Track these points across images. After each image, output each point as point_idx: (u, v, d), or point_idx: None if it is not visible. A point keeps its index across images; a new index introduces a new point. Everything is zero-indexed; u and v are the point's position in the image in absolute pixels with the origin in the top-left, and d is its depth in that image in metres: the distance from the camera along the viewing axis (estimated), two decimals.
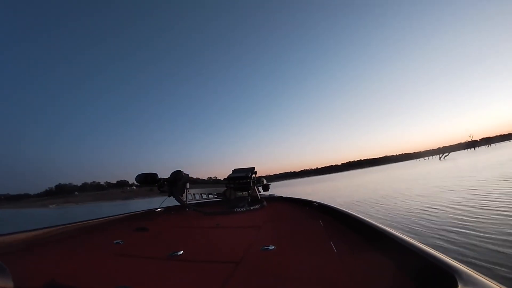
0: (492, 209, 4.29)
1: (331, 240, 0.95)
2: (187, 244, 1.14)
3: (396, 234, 0.75)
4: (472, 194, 5.94)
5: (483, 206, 4.65)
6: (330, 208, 1.47)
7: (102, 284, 0.73)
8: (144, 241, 1.22)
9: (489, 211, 4.21)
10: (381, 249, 0.77)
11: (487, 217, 3.92)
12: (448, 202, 5.54)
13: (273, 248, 0.92)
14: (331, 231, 1.14)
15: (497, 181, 7.33)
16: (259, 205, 2.06)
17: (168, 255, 0.93)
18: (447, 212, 4.62)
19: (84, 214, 19.36)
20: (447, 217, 4.29)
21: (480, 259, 2.50)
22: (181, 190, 2.17)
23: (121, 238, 1.21)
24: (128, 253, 1.03)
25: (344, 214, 1.22)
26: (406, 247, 0.65)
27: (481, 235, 3.14)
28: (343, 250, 0.86)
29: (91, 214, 18.44)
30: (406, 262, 0.64)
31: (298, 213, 1.71)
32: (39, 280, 0.74)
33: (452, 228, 3.60)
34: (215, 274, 0.75)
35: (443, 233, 3.44)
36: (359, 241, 0.94)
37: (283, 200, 2.40)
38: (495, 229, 3.29)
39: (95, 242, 1.25)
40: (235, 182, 2.37)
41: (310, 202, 1.84)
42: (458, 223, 3.78)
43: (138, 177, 1.94)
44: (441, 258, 0.54)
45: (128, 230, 1.47)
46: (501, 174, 8.67)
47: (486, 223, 3.61)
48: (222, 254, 0.95)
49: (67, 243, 1.23)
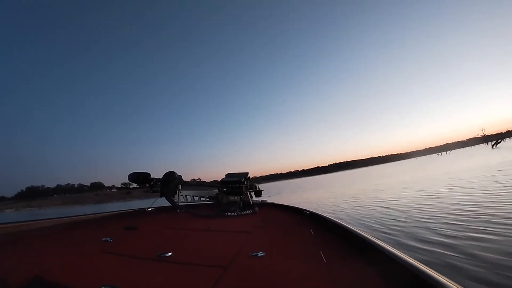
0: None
1: (321, 250, 0.95)
2: (176, 245, 1.12)
3: (385, 247, 0.75)
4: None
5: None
6: (322, 217, 1.46)
7: (88, 281, 0.71)
8: (133, 240, 1.20)
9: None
10: (370, 261, 0.78)
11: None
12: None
13: (262, 254, 0.92)
14: (321, 240, 1.14)
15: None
16: (251, 211, 2.04)
17: (157, 255, 0.92)
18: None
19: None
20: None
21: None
22: (173, 191, 2.15)
23: (110, 235, 1.19)
24: (116, 251, 1.01)
25: (335, 224, 1.22)
26: (394, 260, 0.66)
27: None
28: (332, 260, 0.86)
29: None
30: (394, 274, 0.65)
31: (289, 221, 1.70)
32: (24, 274, 0.72)
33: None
34: (203, 277, 0.74)
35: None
36: (348, 252, 0.94)
37: (275, 207, 2.38)
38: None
39: (83, 238, 1.22)
40: (227, 186, 2.35)
41: (302, 210, 1.84)
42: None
43: (131, 175, 1.92)
44: (427, 272, 0.55)
45: (117, 228, 1.43)
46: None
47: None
48: (211, 257, 0.93)
49: (54, 237, 1.20)
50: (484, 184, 6.59)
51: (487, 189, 5.83)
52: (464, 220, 3.68)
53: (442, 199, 5.59)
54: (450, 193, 6.26)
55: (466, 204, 4.67)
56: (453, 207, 4.62)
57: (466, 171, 10.89)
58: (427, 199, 5.87)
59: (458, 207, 4.59)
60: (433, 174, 12.82)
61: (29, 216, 27.14)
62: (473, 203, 4.70)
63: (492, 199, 4.74)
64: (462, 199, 5.20)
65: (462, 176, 9.43)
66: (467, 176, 9.01)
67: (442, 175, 11.09)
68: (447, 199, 5.50)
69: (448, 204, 4.95)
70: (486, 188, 5.96)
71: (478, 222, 3.46)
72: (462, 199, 5.19)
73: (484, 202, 4.63)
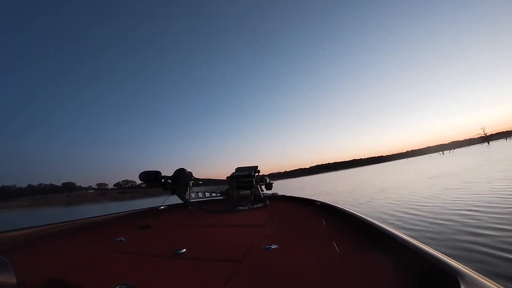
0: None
1: (334, 240, 0.95)
2: (189, 242, 1.13)
3: (399, 235, 0.75)
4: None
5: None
6: (333, 207, 1.47)
7: (104, 281, 0.73)
8: (147, 239, 1.22)
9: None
10: (384, 250, 0.78)
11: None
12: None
13: (275, 247, 0.92)
14: (334, 231, 1.14)
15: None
16: (262, 204, 2.05)
17: (171, 253, 0.93)
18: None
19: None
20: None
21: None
22: (184, 188, 2.19)
23: (124, 235, 1.22)
24: (130, 250, 1.03)
25: (347, 214, 1.23)
26: (409, 248, 0.65)
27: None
28: (345, 250, 0.86)
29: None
30: (409, 263, 0.64)
31: (301, 212, 1.71)
32: (42, 276, 0.75)
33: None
34: (218, 272, 0.75)
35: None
36: (362, 242, 0.94)
37: (286, 199, 2.39)
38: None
39: (98, 239, 1.25)
40: (238, 180, 2.37)
41: (313, 202, 1.84)
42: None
43: (142, 174, 1.96)
44: (444, 260, 0.54)
45: (130, 227, 1.46)
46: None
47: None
48: (224, 252, 0.95)
49: (69, 240, 1.24)
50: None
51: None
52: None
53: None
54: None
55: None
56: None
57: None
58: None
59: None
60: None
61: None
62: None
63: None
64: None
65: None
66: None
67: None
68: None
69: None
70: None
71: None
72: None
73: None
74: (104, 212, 1.85)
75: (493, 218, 3.40)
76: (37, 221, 2.05)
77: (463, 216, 3.74)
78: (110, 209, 2.10)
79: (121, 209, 2.09)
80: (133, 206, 2.15)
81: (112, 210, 2.13)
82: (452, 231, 3.10)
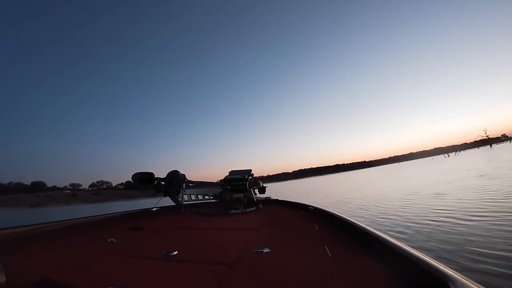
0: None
1: (326, 245, 0.96)
2: (181, 244, 1.13)
3: (391, 241, 0.76)
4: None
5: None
6: (326, 212, 1.48)
7: (96, 283, 0.72)
8: (139, 241, 1.21)
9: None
10: (376, 255, 0.78)
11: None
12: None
13: (267, 251, 0.92)
14: (326, 235, 1.15)
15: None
16: (255, 208, 2.05)
17: (163, 255, 0.93)
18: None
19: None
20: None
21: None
22: (177, 191, 2.17)
23: (115, 236, 1.20)
24: (122, 252, 1.02)
25: (340, 219, 1.23)
26: (401, 253, 0.66)
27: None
28: (337, 254, 0.86)
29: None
30: (401, 268, 0.64)
31: (294, 217, 1.72)
32: (32, 276, 0.74)
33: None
34: (209, 275, 0.75)
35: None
36: (354, 246, 0.94)
37: (279, 203, 2.39)
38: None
39: (89, 240, 1.23)
40: (231, 183, 2.35)
41: (306, 206, 1.85)
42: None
43: (135, 176, 1.95)
44: (435, 265, 0.55)
45: (122, 229, 1.45)
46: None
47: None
48: (216, 255, 0.95)
49: (61, 240, 1.22)
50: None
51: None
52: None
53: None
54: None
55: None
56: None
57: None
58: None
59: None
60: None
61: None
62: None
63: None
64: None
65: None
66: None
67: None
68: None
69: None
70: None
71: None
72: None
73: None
74: (68, 216, 1.78)
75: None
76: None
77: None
78: (79, 213, 1.99)
79: (90, 213, 2.06)
80: (105, 209, 2.07)
81: (79, 214, 2.07)
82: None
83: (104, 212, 1.93)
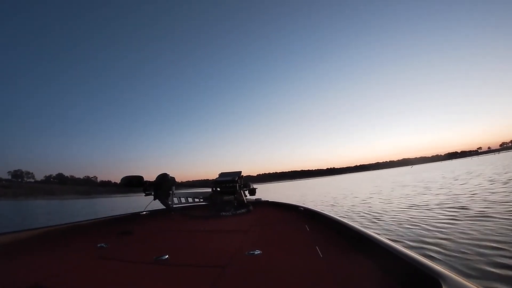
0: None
1: (317, 245, 0.98)
2: (172, 248, 1.13)
3: (381, 239, 0.77)
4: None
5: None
6: (316, 213, 1.50)
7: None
8: (129, 245, 1.20)
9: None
10: (367, 254, 0.80)
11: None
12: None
13: (259, 252, 0.94)
14: (317, 235, 1.17)
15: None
16: (246, 209, 2.06)
17: (153, 259, 0.92)
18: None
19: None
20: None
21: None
22: (166, 193, 2.15)
23: (105, 241, 1.19)
24: (112, 257, 1.01)
25: (330, 219, 1.25)
26: (392, 252, 0.67)
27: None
28: (328, 254, 0.88)
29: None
30: (392, 267, 0.66)
31: (285, 218, 1.74)
32: (22, 282, 0.73)
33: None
34: (201, 278, 0.76)
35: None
36: (344, 246, 0.96)
37: (269, 205, 2.42)
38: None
39: (78, 245, 1.22)
40: (221, 186, 2.35)
41: (296, 207, 1.88)
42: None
43: (123, 179, 1.94)
44: (426, 263, 0.56)
45: (112, 233, 1.43)
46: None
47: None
48: (208, 258, 0.95)
49: (50, 246, 1.19)
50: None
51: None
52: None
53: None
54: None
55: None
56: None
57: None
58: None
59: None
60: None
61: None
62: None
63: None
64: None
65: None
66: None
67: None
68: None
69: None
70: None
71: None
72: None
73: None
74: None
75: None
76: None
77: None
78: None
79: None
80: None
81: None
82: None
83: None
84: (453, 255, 2.43)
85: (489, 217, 3.71)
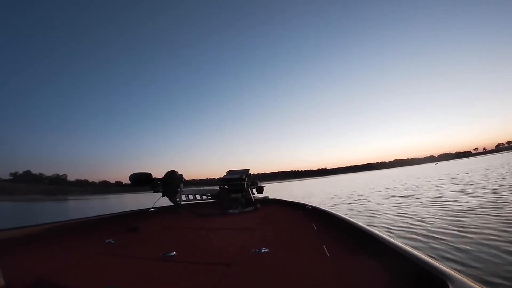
0: None
1: (324, 244, 0.97)
2: (179, 245, 1.14)
3: (389, 240, 0.76)
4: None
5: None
6: (324, 211, 1.50)
7: (93, 284, 0.73)
8: (136, 241, 1.22)
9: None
10: (374, 254, 0.79)
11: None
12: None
13: (266, 250, 0.93)
14: (324, 235, 1.16)
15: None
16: (253, 207, 2.07)
17: (161, 255, 0.93)
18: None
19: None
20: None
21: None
22: (174, 191, 2.18)
23: (113, 237, 1.21)
24: (119, 253, 1.03)
25: (338, 218, 1.25)
26: (399, 253, 0.67)
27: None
28: (335, 254, 0.88)
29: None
30: (399, 267, 0.65)
31: (292, 216, 1.74)
32: (30, 277, 0.74)
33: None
34: (208, 275, 0.76)
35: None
36: (351, 246, 0.95)
37: (276, 203, 2.42)
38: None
39: (87, 241, 1.24)
40: (229, 183, 2.37)
41: (303, 205, 1.87)
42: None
43: (132, 176, 1.96)
44: (434, 264, 0.55)
45: (120, 229, 1.45)
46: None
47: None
48: (214, 255, 0.95)
49: (58, 241, 1.22)
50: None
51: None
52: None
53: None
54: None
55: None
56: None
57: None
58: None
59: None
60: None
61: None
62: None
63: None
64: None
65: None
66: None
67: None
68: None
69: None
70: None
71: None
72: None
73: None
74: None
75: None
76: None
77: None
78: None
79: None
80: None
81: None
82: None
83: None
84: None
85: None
